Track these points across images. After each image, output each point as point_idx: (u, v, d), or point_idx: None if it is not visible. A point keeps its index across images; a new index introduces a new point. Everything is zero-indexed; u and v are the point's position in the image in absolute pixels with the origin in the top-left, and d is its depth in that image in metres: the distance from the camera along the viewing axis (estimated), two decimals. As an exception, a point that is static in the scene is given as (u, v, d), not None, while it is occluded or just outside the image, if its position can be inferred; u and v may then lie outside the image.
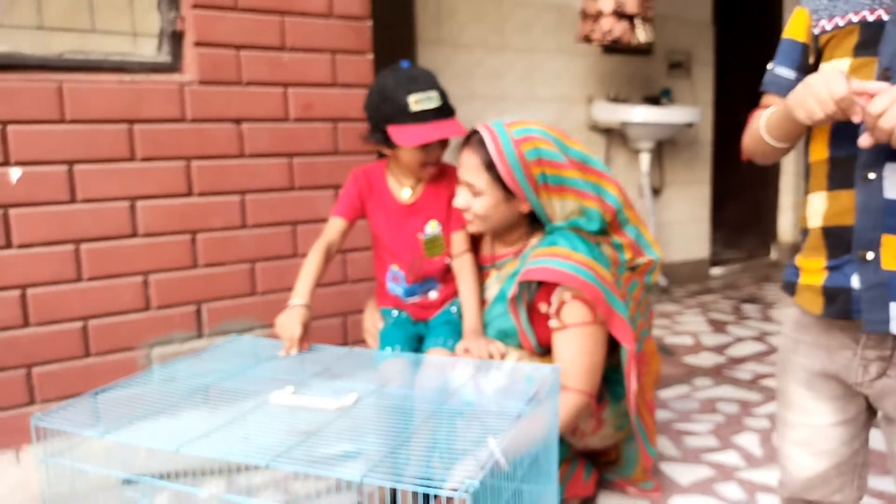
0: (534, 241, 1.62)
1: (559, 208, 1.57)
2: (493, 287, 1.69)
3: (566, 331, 1.51)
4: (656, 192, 3.99)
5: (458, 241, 1.70)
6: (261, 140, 2.09)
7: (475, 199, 1.57)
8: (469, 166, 1.56)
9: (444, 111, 1.60)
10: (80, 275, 1.86)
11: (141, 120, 1.91)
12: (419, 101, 1.56)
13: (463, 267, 1.70)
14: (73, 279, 1.85)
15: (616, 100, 3.61)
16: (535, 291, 1.56)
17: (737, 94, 4.37)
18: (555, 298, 1.52)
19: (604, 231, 1.63)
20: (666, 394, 2.42)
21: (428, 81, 1.60)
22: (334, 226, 1.75)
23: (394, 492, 1.68)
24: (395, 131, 1.58)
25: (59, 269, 1.83)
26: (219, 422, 1.14)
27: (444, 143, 1.66)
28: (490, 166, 1.53)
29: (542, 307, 1.55)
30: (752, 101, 1.36)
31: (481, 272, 1.73)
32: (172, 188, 1.97)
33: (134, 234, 1.93)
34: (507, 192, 1.55)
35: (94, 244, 1.87)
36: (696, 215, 4.25)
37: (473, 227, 1.63)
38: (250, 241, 2.10)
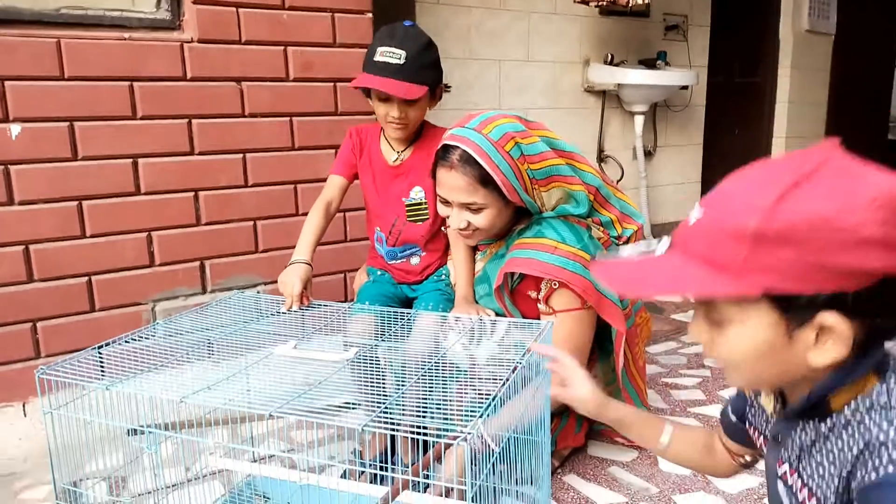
0: (520, 225, 1.61)
1: (546, 199, 1.57)
2: (477, 264, 1.72)
3: (554, 316, 1.53)
4: (649, 154, 4.01)
5: None
6: (261, 99, 2.10)
7: (476, 215, 1.52)
8: (459, 186, 1.48)
9: (404, 72, 1.59)
10: (83, 231, 1.89)
11: (141, 78, 1.92)
12: (383, 54, 1.60)
13: (457, 238, 1.70)
14: (77, 236, 1.88)
15: (612, 62, 3.61)
16: (520, 280, 1.57)
17: (732, 58, 4.37)
18: (543, 287, 1.53)
19: (591, 212, 1.64)
20: (655, 349, 2.49)
21: (403, 41, 1.61)
22: (333, 183, 1.78)
23: (392, 441, 1.75)
24: (357, 77, 1.65)
25: (62, 226, 1.86)
26: (222, 374, 1.17)
27: (404, 105, 1.64)
28: (485, 181, 1.47)
29: (532, 294, 1.57)
30: (747, 65, 1.38)
31: None
32: (174, 146, 1.99)
33: (137, 192, 1.95)
34: (505, 199, 1.52)
35: (97, 201, 1.90)
36: (689, 177, 4.28)
37: (475, 239, 1.61)
38: (252, 199, 2.13)
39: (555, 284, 1.52)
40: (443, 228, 1.79)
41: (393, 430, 0.97)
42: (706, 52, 4.16)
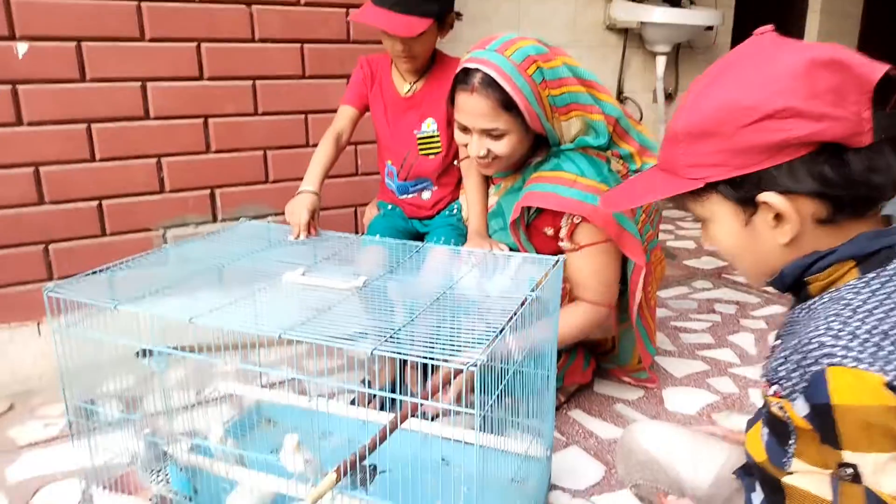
0: (537, 158, 1.56)
1: (566, 130, 1.51)
2: (491, 198, 1.68)
3: (580, 251, 1.50)
4: (670, 97, 3.91)
5: None
6: (271, 24, 2.04)
7: (496, 142, 1.46)
8: (480, 111, 1.42)
9: (404, 4, 1.53)
10: (93, 155, 1.87)
11: (149, -3, 1.86)
12: None
13: (470, 170, 1.68)
14: (87, 159, 1.87)
15: (636, -2, 3.49)
16: (537, 215, 1.53)
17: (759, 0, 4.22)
18: (564, 224, 1.50)
19: (610, 144, 1.59)
20: (666, 293, 2.48)
21: None
22: (343, 114, 1.74)
23: (401, 373, 1.76)
24: (359, 9, 1.61)
25: (71, 148, 1.84)
26: (232, 298, 1.17)
27: (407, 40, 1.58)
28: (508, 105, 1.41)
29: (548, 231, 1.53)
30: (774, 8, 1.31)
31: None
32: (183, 71, 1.95)
33: (146, 117, 1.92)
34: (526, 126, 1.46)
35: (106, 125, 1.87)
36: (709, 123, 4.19)
37: (494, 168, 1.55)
38: (262, 128, 2.10)
39: (577, 219, 1.48)
40: (455, 162, 1.76)
41: (401, 355, 0.97)
42: (733, -9, 4.01)
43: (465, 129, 1.49)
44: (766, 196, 0.72)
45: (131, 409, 1.26)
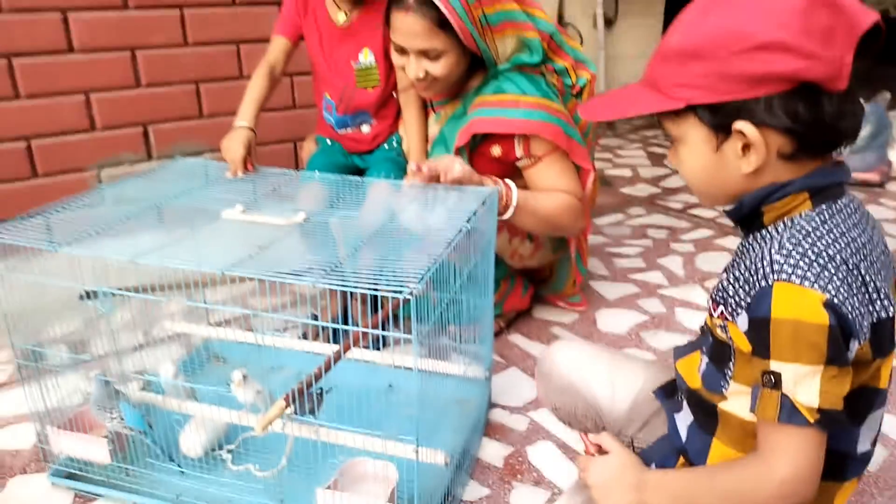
0: (474, 82, 1.58)
1: (501, 48, 1.52)
2: (432, 127, 1.69)
3: (541, 162, 1.54)
4: (609, 23, 3.92)
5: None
6: (197, -50, 1.96)
7: (434, 63, 1.47)
8: (414, 32, 1.42)
9: None
10: (17, 92, 1.80)
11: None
12: None
13: (409, 101, 1.68)
14: (11, 96, 1.80)
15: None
16: (483, 140, 1.55)
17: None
18: (518, 142, 1.53)
19: (545, 60, 1.62)
20: (601, 221, 2.57)
21: None
22: (276, 45, 1.71)
23: (345, 308, 1.81)
24: None
25: (-8, 86, 1.77)
26: (172, 238, 1.18)
27: None
28: (443, 23, 1.42)
29: (495, 151, 1.56)
30: None
31: None
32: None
33: (70, 50, 1.85)
34: (462, 45, 1.47)
35: (28, 59, 1.80)
36: (646, 51, 4.22)
37: (433, 91, 1.55)
38: (193, 60, 2.04)
39: (529, 135, 1.51)
40: (394, 93, 1.76)
41: (345, 287, 1.00)
42: (673, -88, 3.98)
43: (401, 51, 1.49)
44: (741, 125, 0.74)
45: (79, 352, 1.27)
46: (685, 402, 0.91)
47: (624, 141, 3.75)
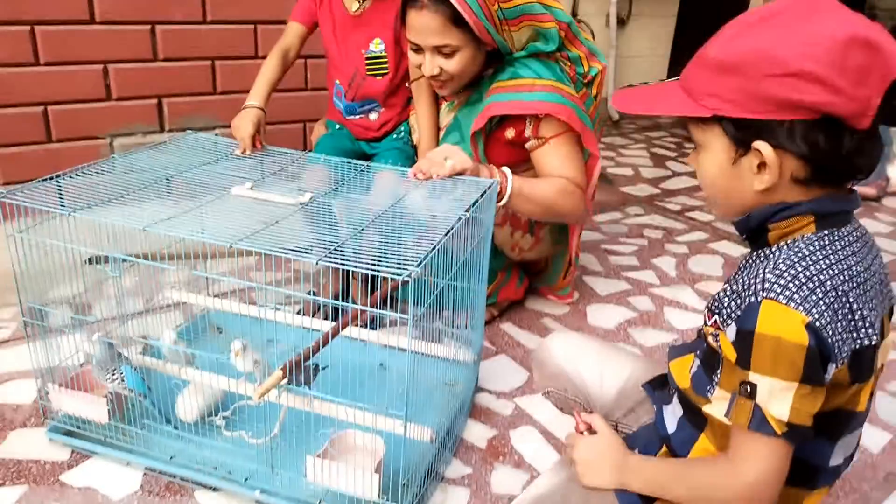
0: (489, 71, 1.61)
1: (516, 39, 1.56)
2: (444, 117, 1.72)
3: (548, 144, 1.57)
4: (622, 22, 3.95)
5: None
6: (221, -71, 2.00)
7: (448, 59, 1.50)
8: (429, 29, 1.45)
9: None
10: (37, 58, 1.84)
11: None
12: None
13: (421, 91, 1.72)
14: (31, 63, 1.84)
15: (594, -82, 3.46)
16: (498, 124, 1.59)
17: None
18: (529, 123, 1.56)
19: (560, 48, 1.64)
20: (599, 218, 2.61)
21: None
22: (292, 30, 1.75)
23: (346, 285, 1.86)
24: None
25: (14, 51, 1.81)
26: (181, 210, 1.22)
27: None
28: (457, 20, 1.44)
29: (509, 134, 1.59)
30: None
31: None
32: (128, -26, 1.91)
33: (91, 21, 1.89)
34: (477, 41, 1.50)
35: (50, 27, 1.84)
36: (656, 51, 4.25)
37: (449, 90, 1.59)
38: (211, 37, 2.08)
39: (541, 116, 1.54)
40: (407, 84, 1.80)
41: (346, 265, 1.04)
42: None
43: (417, 50, 1.53)
44: (760, 144, 0.76)
45: (84, 314, 1.31)
46: (675, 398, 0.95)
47: (628, 140, 3.78)
